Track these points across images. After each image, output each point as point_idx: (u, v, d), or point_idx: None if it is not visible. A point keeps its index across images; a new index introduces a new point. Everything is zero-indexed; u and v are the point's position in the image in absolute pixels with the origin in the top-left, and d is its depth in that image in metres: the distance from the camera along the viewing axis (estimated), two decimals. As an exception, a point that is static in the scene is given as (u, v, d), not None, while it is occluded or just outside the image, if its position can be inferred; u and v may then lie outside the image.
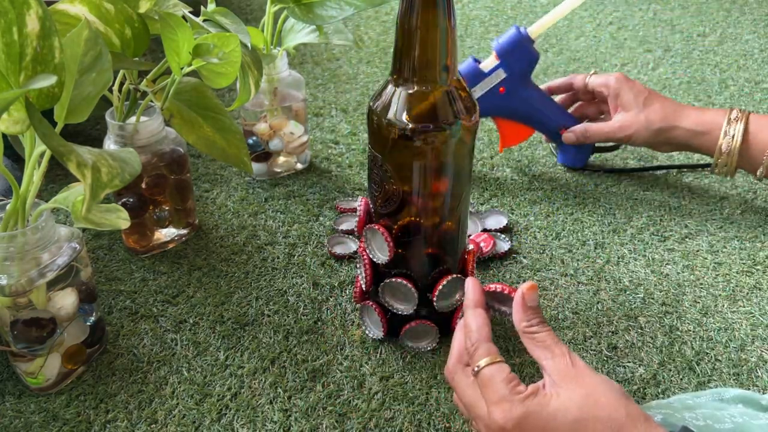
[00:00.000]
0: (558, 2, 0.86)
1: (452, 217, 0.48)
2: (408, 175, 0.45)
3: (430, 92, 0.43)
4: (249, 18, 1.30)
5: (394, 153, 0.45)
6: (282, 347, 0.54)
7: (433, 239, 0.49)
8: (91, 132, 0.85)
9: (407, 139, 0.43)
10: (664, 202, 0.73)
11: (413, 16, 0.41)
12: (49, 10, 0.39)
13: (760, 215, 0.70)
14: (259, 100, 0.73)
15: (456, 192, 0.47)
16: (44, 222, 0.45)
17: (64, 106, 0.43)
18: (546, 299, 0.59)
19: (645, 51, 1.15)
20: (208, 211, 0.71)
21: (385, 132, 0.44)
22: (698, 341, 0.54)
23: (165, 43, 0.51)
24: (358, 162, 0.80)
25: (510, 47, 0.70)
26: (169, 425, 0.47)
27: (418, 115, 0.43)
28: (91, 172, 0.40)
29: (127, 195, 0.60)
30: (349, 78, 1.04)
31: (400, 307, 0.51)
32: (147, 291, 0.60)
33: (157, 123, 0.59)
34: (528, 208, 0.72)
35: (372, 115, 0.45)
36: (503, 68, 0.70)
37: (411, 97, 0.43)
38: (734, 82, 1.02)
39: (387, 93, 0.45)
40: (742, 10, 1.35)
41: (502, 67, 0.70)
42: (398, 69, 0.44)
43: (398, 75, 0.44)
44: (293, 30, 0.70)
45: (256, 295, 0.59)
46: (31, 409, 0.48)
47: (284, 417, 0.48)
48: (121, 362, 0.52)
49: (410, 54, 0.42)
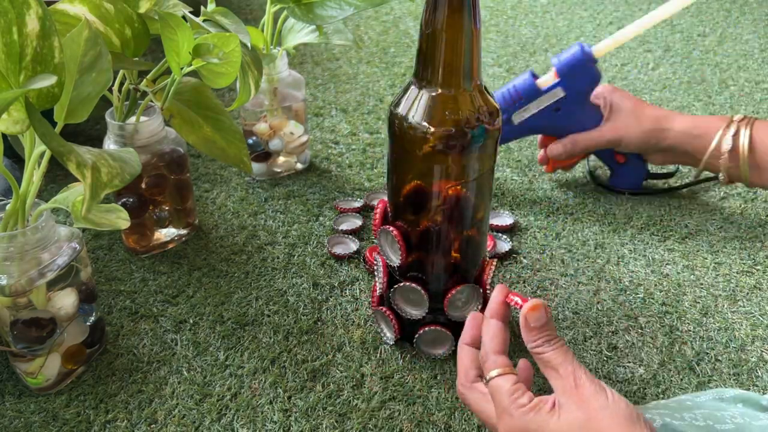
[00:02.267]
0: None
1: (474, 224, 0.48)
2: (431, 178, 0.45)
3: (454, 96, 0.42)
4: (249, 18, 1.30)
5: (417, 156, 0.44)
6: (282, 347, 0.54)
7: (453, 245, 0.48)
8: (91, 132, 0.85)
9: (430, 142, 0.43)
10: (664, 202, 0.73)
11: (439, 19, 0.40)
12: (49, 10, 0.39)
13: (760, 215, 0.70)
14: (259, 100, 0.73)
15: (479, 198, 0.47)
16: (44, 222, 0.45)
17: (64, 106, 0.43)
18: (546, 299, 0.59)
19: (645, 51, 1.15)
20: (208, 211, 0.71)
21: (408, 135, 0.43)
22: (698, 341, 0.54)
23: (165, 43, 0.51)
24: (358, 162, 0.80)
25: (572, 66, 0.67)
26: (169, 425, 0.47)
27: (441, 119, 0.42)
28: (91, 172, 0.40)
29: (127, 195, 0.60)
30: (349, 78, 1.04)
31: (412, 312, 0.51)
32: (147, 291, 0.60)
33: (157, 123, 0.59)
34: (528, 208, 0.72)
35: (394, 118, 0.44)
36: (562, 87, 0.68)
37: (435, 100, 0.43)
38: (734, 82, 1.02)
39: (410, 96, 0.44)
40: (742, 10, 1.35)
41: (562, 86, 0.68)
42: (422, 72, 0.43)
43: (422, 78, 0.43)
44: (293, 30, 0.70)
45: (256, 295, 0.59)
46: (31, 409, 0.48)
47: (284, 417, 0.48)
48: (121, 362, 0.52)
49: (435, 57, 0.41)
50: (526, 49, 1.17)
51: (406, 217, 0.48)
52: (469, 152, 0.43)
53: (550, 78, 0.69)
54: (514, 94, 0.70)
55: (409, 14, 1.36)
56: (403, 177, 0.46)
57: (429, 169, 0.44)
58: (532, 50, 1.16)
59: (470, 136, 0.43)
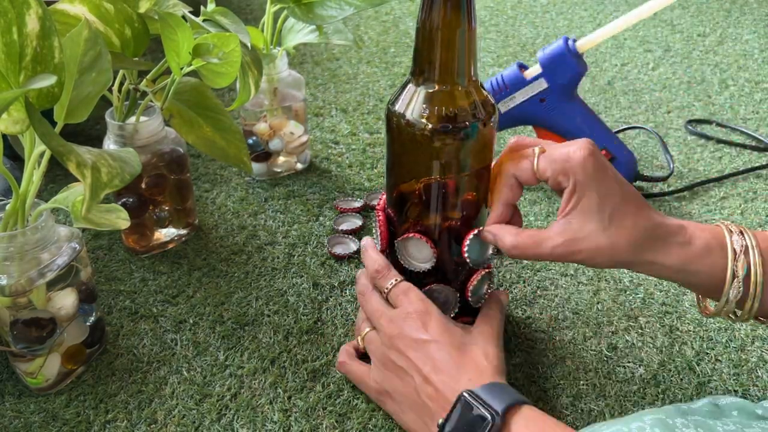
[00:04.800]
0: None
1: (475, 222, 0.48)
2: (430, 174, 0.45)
3: (451, 91, 0.43)
4: (249, 18, 1.30)
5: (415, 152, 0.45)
6: (282, 347, 0.54)
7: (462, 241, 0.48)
8: (91, 132, 0.85)
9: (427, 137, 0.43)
10: (664, 202, 0.73)
11: (435, 17, 0.41)
12: (49, 10, 0.39)
13: (760, 215, 0.70)
14: (259, 100, 0.73)
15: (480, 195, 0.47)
16: (44, 222, 0.45)
17: (64, 106, 0.43)
18: (546, 299, 0.59)
19: (645, 51, 1.15)
20: (208, 211, 0.71)
21: (406, 131, 0.44)
22: (698, 341, 0.54)
23: (165, 43, 0.51)
24: (358, 162, 0.80)
25: (553, 59, 0.69)
26: (169, 425, 0.47)
27: (439, 114, 0.43)
28: (91, 172, 0.40)
29: (127, 195, 0.60)
30: (349, 78, 1.04)
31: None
32: (147, 291, 0.60)
33: (157, 123, 0.59)
34: (528, 208, 0.72)
35: (392, 115, 0.45)
36: (545, 79, 0.70)
37: (432, 97, 0.43)
38: (734, 82, 1.02)
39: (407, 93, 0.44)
40: (742, 10, 1.35)
41: (544, 77, 0.70)
42: (418, 69, 0.43)
43: (419, 75, 0.44)
44: (293, 30, 0.70)
45: (256, 295, 0.59)
46: (31, 409, 0.48)
47: (284, 417, 0.48)
48: (121, 362, 0.52)
49: (430, 54, 0.42)
50: (526, 49, 1.17)
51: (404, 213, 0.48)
52: (466, 147, 0.44)
53: (535, 70, 0.71)
54: (501, 83, 0.72)
55: (409, 14, 1.36)
56: (401, 174, 0.47)
57: (428, 164, 0.44)
58: (532, 50, 1.16)
59: (466, 130, 0.43)
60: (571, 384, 0.50)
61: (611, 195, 0.42)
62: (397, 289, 0.47)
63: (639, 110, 0.94)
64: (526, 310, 0.57)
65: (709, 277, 0.42)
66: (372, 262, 0.49)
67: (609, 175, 0.42)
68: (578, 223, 0.42)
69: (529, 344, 0.54)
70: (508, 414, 0.38)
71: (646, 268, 0.43)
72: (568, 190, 0.42)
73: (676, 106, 0.95)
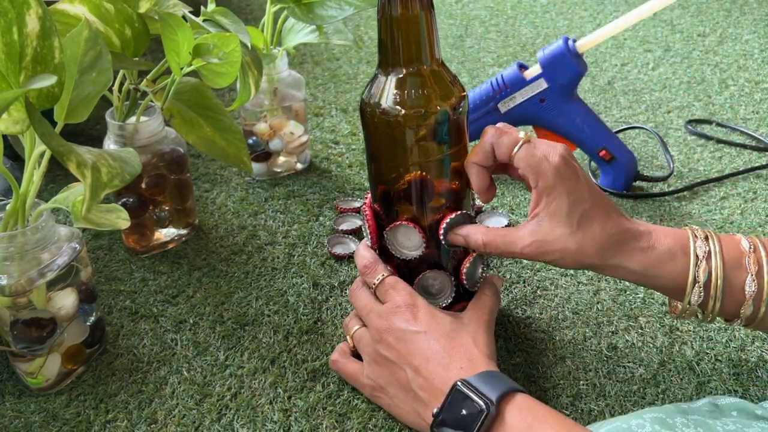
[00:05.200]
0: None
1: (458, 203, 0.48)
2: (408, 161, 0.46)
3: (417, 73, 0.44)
4: (249, 18, 1.30)
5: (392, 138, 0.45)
6: (282, 347, 0.54)
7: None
8: (91, 132, 0.85)
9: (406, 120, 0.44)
10: (664, 202, 0.73)
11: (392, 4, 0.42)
12: (49, 10, 0.39)
13: (759, 215, 0.70)
14: (259, 100, 0.73)
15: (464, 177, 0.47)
16: (44, 222, 0.45)
17: (64, 106, 0.43)
18: (546, 299, 0.59)
19: (645, 51, 1.15)
20: (208, 211, 0.71)
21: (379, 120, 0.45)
22: (698, 341, 0.54)
23: (165, 43, 0.51)
24: (358, 162, 0.80)
25: (553, 59, 0.69)
26: (169, 425, 0.47)
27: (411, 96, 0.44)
28: (91, 172, 0.40)
29: (127, 195, 0.60)
30: (349, 78, 1.04)
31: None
32: (147, 291, 0.60)
33: (157, 123, 0.59)
34: (528, 208, 0.71)
35: (365, 107, 0.46)
36: (545, 79, 0.70)
37: (400, 83, 0.44)
38: (734, 82, 1.02)
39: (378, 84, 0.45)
40: (742, 10, 1.35)
41: (544, 77, 0.70)
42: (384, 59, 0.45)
43: (386, 65, 0.45)
44: (293, 30, 0.70)
45: (256, 295, 0.59)
46: (31, 409, 0.48)
47: (284, 417, 0.48)
48: (121, 362, 0.52)
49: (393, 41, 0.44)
50: (526, 49, 1.17)
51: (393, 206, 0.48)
52: (440, 125, 0.45)
53: (535, 70, 0.71)
54: (501, 83, 0.72)
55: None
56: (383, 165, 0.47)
57: (408, 148, 0.45)
58: (532, 50, 1.16)
59: (441, 108, 0.44)
60: (571, 384, 0.50)
61: (581, 200, 0.43)
62: (385, 283, 0.47)
63: (639, 110, 0.94)
64: (526, 310, 0.57)
65: (672, 282, 0.43)
66: (360, 258, 0.50)
67: (581, 182, 0.44)
68: (548, 225, 0.44)
69: (529, 344, 0.54)
70: (502, 402, 0.38)
71: (612, 271, 0.44)
72: (538, 190, 0.44)
73: (676, 106, 0.95)
